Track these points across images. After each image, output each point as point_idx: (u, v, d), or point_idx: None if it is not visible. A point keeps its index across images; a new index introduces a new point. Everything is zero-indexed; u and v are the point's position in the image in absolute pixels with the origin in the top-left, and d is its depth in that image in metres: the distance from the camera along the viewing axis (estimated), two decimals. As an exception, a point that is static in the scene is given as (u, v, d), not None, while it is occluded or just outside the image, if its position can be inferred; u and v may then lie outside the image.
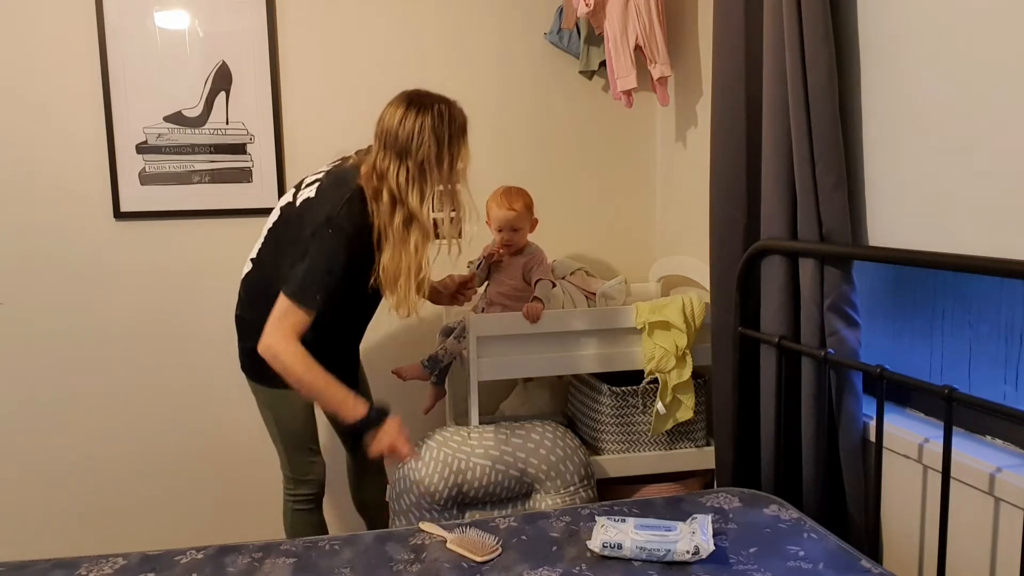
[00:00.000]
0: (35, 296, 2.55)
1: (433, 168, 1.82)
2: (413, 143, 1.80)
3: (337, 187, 1.87)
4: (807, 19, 1.70)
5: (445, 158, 1.83)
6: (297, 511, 2.15)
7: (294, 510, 2.15)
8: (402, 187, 1.80)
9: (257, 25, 2.57)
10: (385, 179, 1.81)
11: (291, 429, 2.07)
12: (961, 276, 1.65)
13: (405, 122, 1.81)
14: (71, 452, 2.62)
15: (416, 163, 1.81)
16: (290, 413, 2.05)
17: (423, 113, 1.82)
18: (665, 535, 1.53)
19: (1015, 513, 1.41)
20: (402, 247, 1.82)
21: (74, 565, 1.56)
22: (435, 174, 1.83)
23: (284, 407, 2.04)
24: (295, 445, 2.09)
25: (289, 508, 2.16)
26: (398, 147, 1.81)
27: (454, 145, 1.85)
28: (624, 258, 2.91)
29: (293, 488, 2.14)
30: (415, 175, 1.81)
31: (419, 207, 1.81)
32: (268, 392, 2.02)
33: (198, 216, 2.62)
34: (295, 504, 2.15)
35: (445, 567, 1.53)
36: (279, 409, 2.05)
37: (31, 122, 2.49)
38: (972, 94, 1.46)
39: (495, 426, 2.23)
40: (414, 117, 1.82)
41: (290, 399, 1.98)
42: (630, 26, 2.42)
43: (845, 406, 1.75)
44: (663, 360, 2.26)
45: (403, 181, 1.81)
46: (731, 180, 1.98)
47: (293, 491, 2.14)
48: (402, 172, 1.81)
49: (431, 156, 1.81)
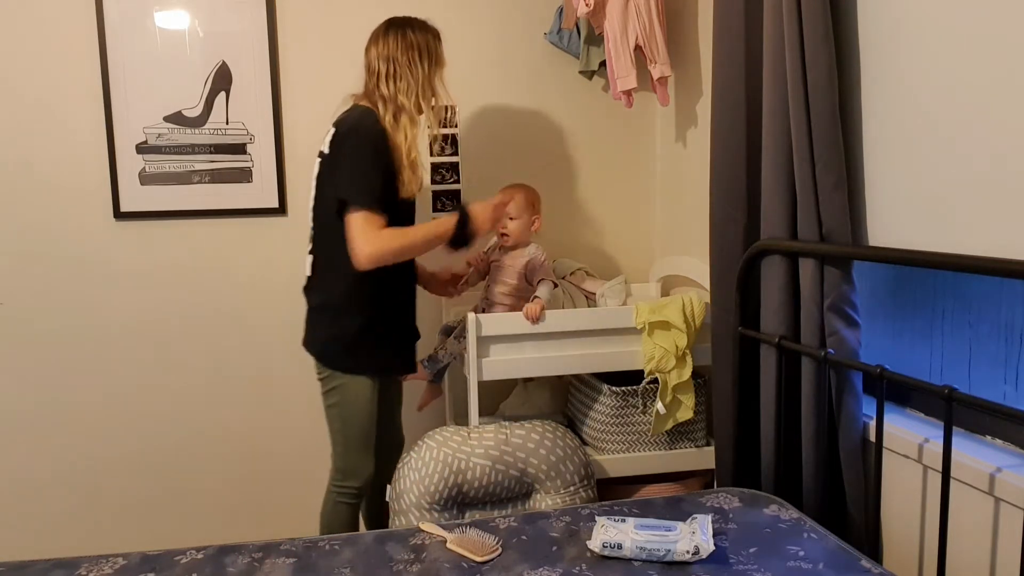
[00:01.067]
0: (35, 296, 2.55)
1: (410, 69, 2.09)
2: (393, 52, 2.09)
3: (353, 114, 2.09)
4: (807, 19, 1.70)
5: (422, 60, 2.10)
6: (340, 503, 2.19)
7: (337, 501, 2.19)
8: (388, 91, 2.07)
9: (257, 25, 2.57)
10: (377, 89, 2.08)
11: (357, 424, 2.14)
12: (961, 276, 1.65)
13: (385, 40, 2.10)
14: (71, 452, 2.62)
15: (398, 69, 2.08)
16: (357, 407, 2.12)
17: (395, 29, 2.11)
18: (665, 535, 1.53)
19: (1015, 513, 1.41)
20: (396, 136, 2.05)
21: (74, 565, 1.56)
22: (413, 73, 2.09)
23: (352, 402, 2.12)
24: (357, 441, 2.15)
25: (332, 499, 2.20)
26: (386, 63, 2.08)
27: (429, 48, 2.12)
28: (624, 258, 2.91)
29: (342, 480, 2.18)
30: (395, 76, 2.08)
31: (407, 99, 2.07)
32: (342, 380, 2.11)
33: (198, 216, 2.62)
34: (339, 496, 2.19)
35: (445, 567, 1.53)
36: (348, 405, 2.12)
37: (31, 122, 2.49)
38: (972, 94, 1.46)
39: (495, 426, 2.23)
40: (391, 36, 2.10)
41: (359, 392, 2.11)
42: (630, 26, 2.42)
43: (845, 406, 1.75)
44: (663, 360, 2.26)
45: (388, 86, 2.08)
46: (731, 180, 1.98)
47: (341, 483, 2.18)
48: (390, 81, 2.08)
49: (409, 60, 2.09)
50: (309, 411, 2.73)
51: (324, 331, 2.14)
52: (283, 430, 2.74)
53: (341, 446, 2.17)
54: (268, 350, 2.70)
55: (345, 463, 2.17)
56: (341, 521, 2.19)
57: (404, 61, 2.08)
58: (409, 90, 2.07)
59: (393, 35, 2.10)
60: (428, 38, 2.13)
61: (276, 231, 2.67)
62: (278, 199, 2.65)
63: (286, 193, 2.65)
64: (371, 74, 2.11)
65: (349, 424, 2.14)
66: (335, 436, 2.18)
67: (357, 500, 2.21)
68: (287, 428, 2.74)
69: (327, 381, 2.15)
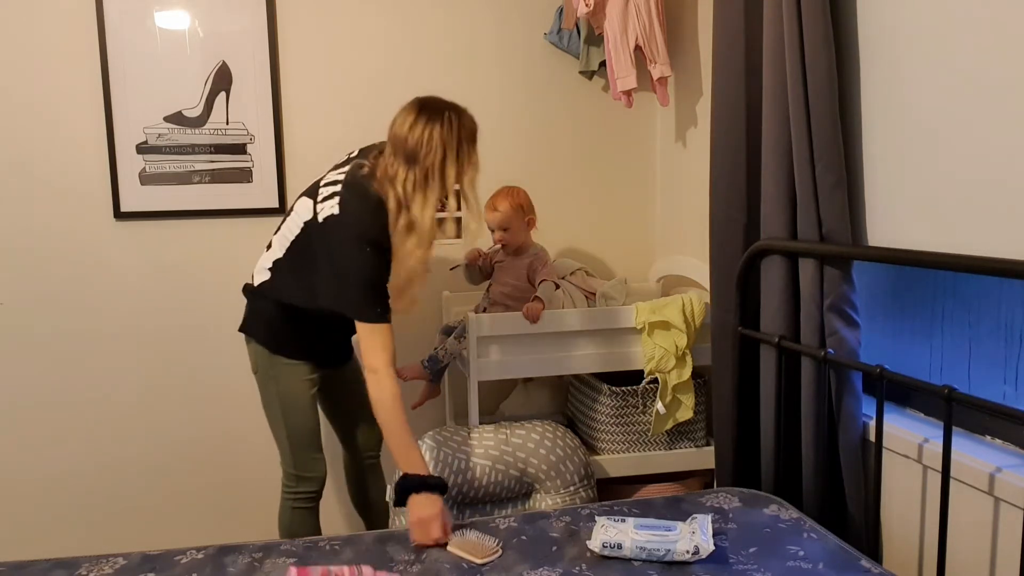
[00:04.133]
0: (35, 296, 2.55)
1: (439, 175, 1.85)
2: (422, 151, 1.82)
3: (361, 201, 1.88)
4: (807, 19, 1.70)
5: (453, 166, 1.85)
6: (296, 509, 2.14)
7: (293, 508, 2.15)
8: (408, 193, 1.84)
9: (257, 25, 2.57)
10: (393, 185, 1.85)
11: (297, 423, 2.08)
12: (961, 276, 1.65)
13: (415, 129, 1.83)
14: (70, 452, 2.62)
15: (423, 170, 1.83)
16: (297, 406, 2.07)
17: (433, 121, 1.84)
18: (665, 535, 1.53)
19: (1015, 513, 1.41)
20: (401, 250, 1.86)
21: (74, 565, 1.56)
22: (441, 181, 1.85)
23: (291, 399, 2.06)
24: (300, 440, 2.10)
25: (288, 507, 2.16)
26: (407, 153, 1.83)
27: (462, 153, 1.87)
28: (624, 258, 2.91)
29: (294, 485, 2.14)
30: (420, 182, 1.84)
31: (420, 214, 1.84)
32: (277, 368, 2.04)
33: (198, 216, 2.62)
34: (294, 502, 2.14)
35: (445, 567, 1.53)
36: (287, 401, 2.06)
37: (31, 122, 2.49)
38: (972, 94, 1.46)
39: (495, 426, 2.23)
40: (424, 124, 1.83)
41: (297, 389, 2.04)
42: (630, 26, 2.42)
43: (845, 406, 1.75)
44: (663, 360, 2.26)
45: (409, 188, 1.84)
46: (731, 180, 1.98)
47: (294, 488, 2.14)
48: (409, 179, 1.83)
49: (438, 164, 1.83)
50: (309, 411, 2.73)
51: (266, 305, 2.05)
52: (283, 430, 2.74)
53: (287, 448, 2.10)
54: (268, 350, 2.70)
55: (295, 466, 2.10)
56: (303, 526, 2.13)
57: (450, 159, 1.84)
58: (428, 203, 1.84)
59: (449, 124, 1.84)
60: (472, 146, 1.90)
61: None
62: (278, 199, 2.65)
63: (286, 193, 2.65)
64: (405, 161, 1.84)
65: (291, 421, 2.07)
66: (280, 444, 2.11)
67: (313, 504, 2.16)
68: (287, 428, 2.74)
69: (263, 385, 2.08)
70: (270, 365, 2.06)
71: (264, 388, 2.09)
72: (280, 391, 2.06)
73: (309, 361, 2.07)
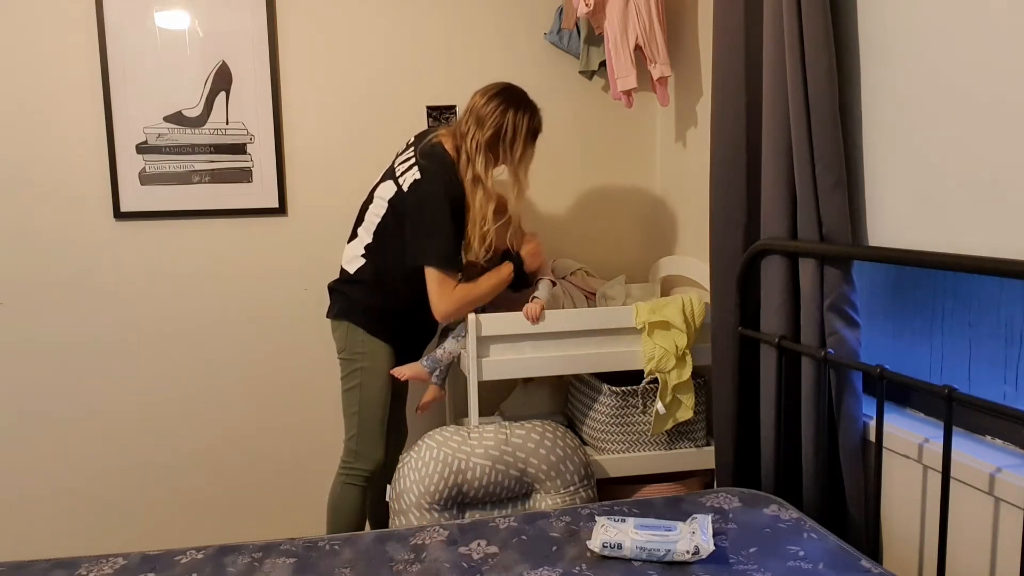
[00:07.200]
0: (35, 296, 2.55)
1: (501, 147, 2.12)
2: (492, 118, 2.10)
3: (439, 163, 2.12)
4: (807, 19, 1.70)
5: (515, 145, 2.12)
6: (347, 485, 2.24)
7: (344, 483, 2.25)
8: (473, 152, 2.10)
9: (257, 25, 2.57)
10: (464, 140, 2.12)
11: (372, 399, 2.23)
12: (961, 276, 1.65)
13: (492, 103, 2.11)
14: (70, 452, 2.62)
15: (488, 136, 2.10)
16: (375, 384, 2.23)
17: (511, 103, 2.12)
18: (665, 535, 1.53)
19: (1015, 513, 1.41)
20: (473, 199, 2.11)
21: (74, 565, 1.56)
22: (502, 153, 2.13)
23: (372, 375, 2.22)
24: (371, 419, 2.24)
25: (340, 481, 2.26)
26: (479, 117, 2.11)
27: (526, 138, 2.14)
28: (624, 258, 2.91)
29: (352, 461, 2.24)
30: (484, 146, 2.10)
31: (483, 172, 2.10)
32: (363, 351, 2.21)
33: (198, 216, 2.62)
34: (348, 477, 2.24)
35: (445, 567, 1.53)
36: (367, 377, 2.22)
37: (31, 122, 2.49)
38: (972, 94, 1.46)
39: (495, 426, 2.23)
40: (500, 102, 2.12)
41: (379, 367, 2.23)
42: (630, 26, 2.42)
43: (845, 406, 1.75)
44: (663, 360, 2.26)
45: (474, 147, 2.10)
46: (731, 180, 1.98)
47: (352, 464, 2.24)
48: (476, 137, 2.10)
49: (504, 136, 2.10)
50: (310, 411, 2.74)
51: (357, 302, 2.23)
52: (284, 430, 2.74)
53: (356, 429, 2.23)
54: (268, 350, 2.70)
55: (358, 446, 2.23)
56: (349, 504, 2.24)
57: (510, 138, 2.11)
58: (489, 166, 2.12)
59: (523, 112, 2.13)
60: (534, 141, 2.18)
61: (276, 231, 2.67)
62: (278, 199, 2.65)
63: (286, 193, 2.65)
64: (476, 123, 2.12)
65: (365, 406, 2.23)
66: (350, 420, 2.25)
67: (366, 484, 2.26)
68: (288, 428, 2.74)
69: (348, 363, 2.24)
70: (360, 343, 2.22)
71: (348, 366, 2.25)
72: (364, 367, 2.22)
73: (393, 345, 2.25)
